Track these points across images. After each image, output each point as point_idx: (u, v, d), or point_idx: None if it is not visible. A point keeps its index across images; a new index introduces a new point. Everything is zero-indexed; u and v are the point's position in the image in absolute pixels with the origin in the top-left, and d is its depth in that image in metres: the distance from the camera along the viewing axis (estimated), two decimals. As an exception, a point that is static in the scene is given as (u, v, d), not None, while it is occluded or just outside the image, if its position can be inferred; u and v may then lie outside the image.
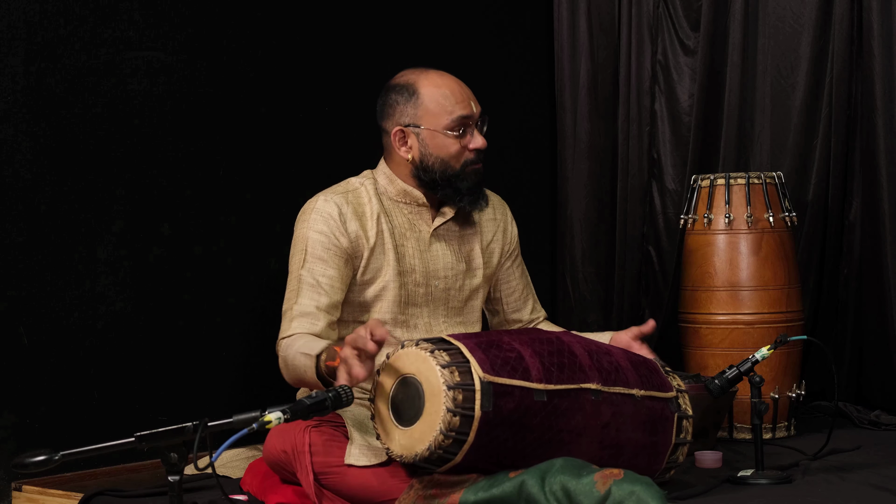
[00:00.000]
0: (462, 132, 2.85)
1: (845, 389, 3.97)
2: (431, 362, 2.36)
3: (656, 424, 2.62)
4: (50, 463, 2.18)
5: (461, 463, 2.38)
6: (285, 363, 2.71)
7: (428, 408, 2.36)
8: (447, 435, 2.33)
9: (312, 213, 2.83)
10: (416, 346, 2.41)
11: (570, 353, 2.53)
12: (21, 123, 3.05)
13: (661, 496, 2.22)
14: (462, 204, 2.89)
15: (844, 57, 3.90)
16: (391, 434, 2.43)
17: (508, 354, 2.43)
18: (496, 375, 2.37)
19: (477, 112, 2.88)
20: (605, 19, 4.37)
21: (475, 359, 2.37)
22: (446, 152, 2.85)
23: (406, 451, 2.40)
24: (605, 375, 2.55)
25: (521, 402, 2.39)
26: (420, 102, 2.84)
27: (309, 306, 2.74)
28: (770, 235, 3.57)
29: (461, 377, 2.35)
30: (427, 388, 2.36)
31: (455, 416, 2.32)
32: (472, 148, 2.86)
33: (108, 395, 3.18)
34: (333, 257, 2.79)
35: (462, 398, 2.33)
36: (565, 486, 2.28)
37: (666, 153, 4.30)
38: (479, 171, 2.89)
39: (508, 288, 3.08)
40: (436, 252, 2.90)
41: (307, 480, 2.59)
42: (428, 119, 2.84)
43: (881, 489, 2.73)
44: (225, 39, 3.47)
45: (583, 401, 2.49)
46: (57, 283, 3.11)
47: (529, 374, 2.42)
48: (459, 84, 2.89)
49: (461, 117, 2.84)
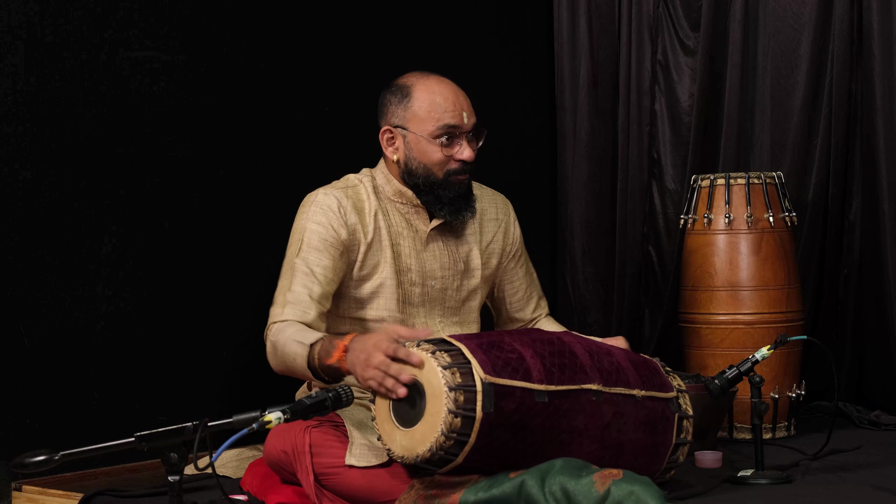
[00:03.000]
0: (448, 141, 2.81)
1: (845, 389, 3.97)
2: (433, 363, 2.36)
3: (657, 425, 2.62)
4: (50, 463, 2.18)
5: (462, 464, 2.38)
6: (274, 348, 2.69)
7: (429, 409, 2.35)
8: (448, 436, 2.33)
9: (312, 205, 2.83)
10: (418, 346, 2.41)
11: (571, 353, 2.53)
12: (21, 123, 3.05)
13: (659, 496, 2.22)
14: (443, 213, 2.86)
15: (844, 57, 3.90)
16: (392, 435, 2.43)
17: (509, 355, 2.43)
18: (497, 376, 2.37)
19: (468, 124, 2.83)
20: (605, 19, 4.36)
21: (476, 360, 2.37)
22: (429, 159, 2.83)
23: (407, 453, 2.39)
24: (606, 376, 2.55)
25: (523, 402, 2.39)
26: (410, 105, 2.83)
27: (302, 294, 2.74)
28: (770, 235, 3.57)
29: (462, 378, 2.34)
30: (428, 389, 2.36)
31: (456, 418, 2.32)
32: (457, 158, 2.83)
33: (108, 395, 3.18)
34: (329, 248, 2.78)
35: (463, 399, 2.33)
36: (564, 487, 2.28)
37: (666, 153, 4.29)
38: (463, 183, 2.85)
39: (511, 288, 3.08)
40: (432, 252, 2.90)
41: (307, 481, 2.59)
42: (415, 123, 2.82)
43: (881, 489, 2.73)
44: (225, 39, 3.47)
45: (584, 401, 2.48)
46: (57, 283, 3.11)
47: (530, 374, 2.42)
48: (456, 93, 2.85)
49: (447, 126, 2.80)
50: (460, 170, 2.84)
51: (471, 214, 2.90)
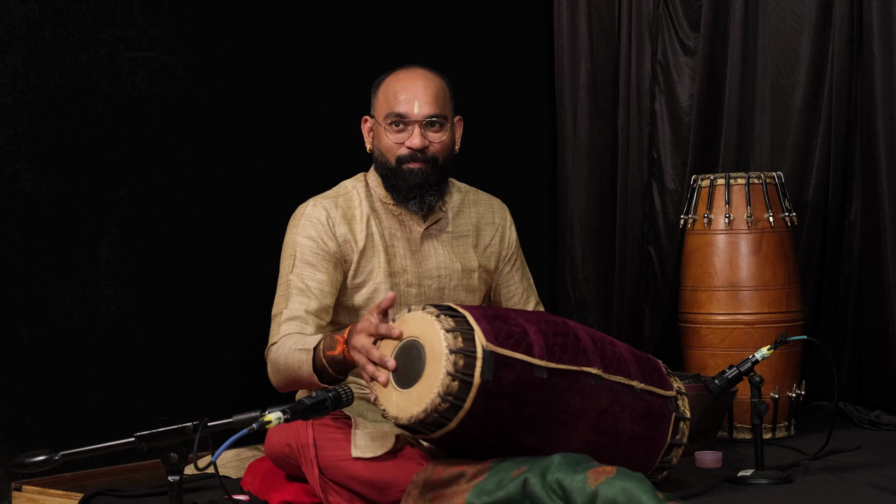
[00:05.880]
0: (397, 126, 2.82)
1: (845, 389, 3.97)
2: (436, 325, 2.36)
3: (653, 420, 2.63)
4: (50, 463, 2.19)
5: (455, 429, 2.37)
6: (276, 365, 2.69)
7: (428, 370, 2.35)
8: (444, 398, 2.32)
9: (301, 218, 2.83)
10: (423, 309, 2.41)
11: (575, 336, 2.54)
12: (21, 123, 3.05)
13: (651, 492, 2.22)
14: (403, 203, 2.86)
15: (844, 57, 3.91)
16: (389, 396, 2.41)
17: (513, 328, 2.43)
18: (499, 346, 2.37)
19: (420, 113, 2.80)
20: (605, 19, 4.37)
21: (480, 328, 2.37)
22: (384, 145, 2.85)
23: (402, 413, 2.38)
24: (607, 363, 2.56)
25: (521, 375, 2.39)
26: (378, 93, 2.88)
27: (298, 310, 2.74)
28: (770, 235, 3.57)
29: (464, 343, 2.34)
30: (429, 350, 2.36)
31: (454, 381, 2.32)
32: (406, 145, 2.82)
33: (108, 395, 3.18)
34: (322, 262, 2.79)
35: (463, 364, 2.33)
36: (561, 483, 2.29)
37: (666, 153, 4.30)
38: (415, 171, 2.82)
39: (507, 292, 3.08)
40: (427, 252, 2.90)
41: (313, 474, 2.60)
42: (377, 110, 2.87)
43: (881, 489, 2.73)
44: (225, 39, 3.47)
45: (582, 384, 2.49)
46: (57, 283, 3.11)
47: (532, 349, 2.42)
48: (416, 81, 2.83)
49: (395, 114, 2.81)
50: (409, 156, 2.82)
51: (431, 200, 2.87)
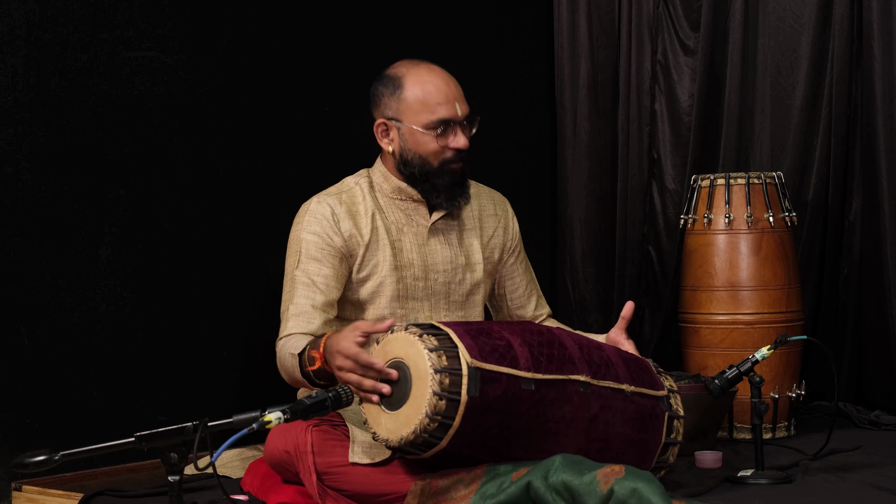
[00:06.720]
0: (443, 131, 2.81)
1: (845, 389, 3.97)
2: (419, 346, 2.36)
3: (646, 422, 2.62)
4: (50, 463, 2.19)
5: (446, 448, 2.38)
6: (280, 363, 2.74)
7: (415, 391, 2.36)
8: (433, 419, 2.33)
9: (306, 215, 2.84)
10: (406, 330, 2.42)
11: (560, 345, 2.54)
12: (21, 123, 3.05)
13: (662, 492, 2.22)
14: (439, 201, 2.86)
15: (844, 57, 3.91)
16: (378, 419, 2.43)
17: (497, 342, 2.43)
18: (484, 361, 2.37)
19: (462, 113, 2.82)
20: (605, 19, 4.37)
21: (463, 344, 2.38)
22: (424, 149, 2.82)
23: (392, 435, 2.39)
24: (595, 369, 2.55)
25: (509, 389, 2.39)
26: (403, 97, 2.82)
27: (304, 305, 2.75)
28: (770, 235, 3.57)
29: (449, 361, 2.35)
30: (414, 371, 2.36)
31: (441, 400, 2.32)
32: (452, 147, 2.82)
33: (108, 395, 3.18)
34: (328, 256, 2.80)
35: (449, 382, 2.33)
36: (568, 485, 2.28)
37: (666, 153, 4.29)
38: (457, 171, 2.85)
39: (512, 284, 3.08)
40: (434, 246, 2.90)
41: (310, 480, 2.60)
42: (409, 115, 2.82)
43: (881, 489, 2.73)
44: (225, 39, 3.47)
45: (571, 392, 2.49)
46: (57, 283, 3.11)
47: (518, 362, 2.42)
48: (447, 82, 2.84)
49: (441, 119, 2.80)
50: (455, 158, 2.83)
51: (465, 201, 2.90)
